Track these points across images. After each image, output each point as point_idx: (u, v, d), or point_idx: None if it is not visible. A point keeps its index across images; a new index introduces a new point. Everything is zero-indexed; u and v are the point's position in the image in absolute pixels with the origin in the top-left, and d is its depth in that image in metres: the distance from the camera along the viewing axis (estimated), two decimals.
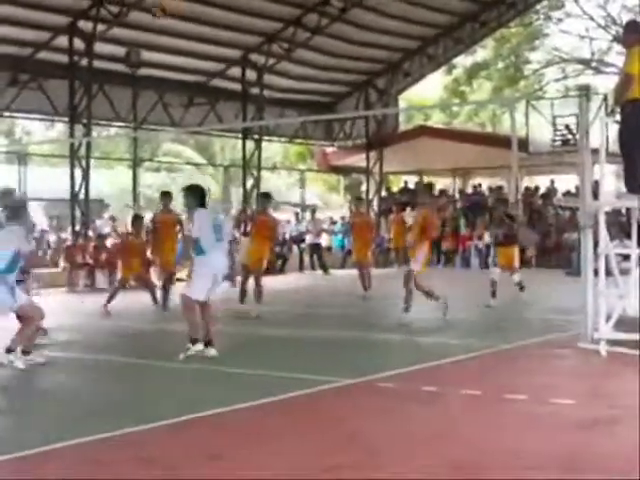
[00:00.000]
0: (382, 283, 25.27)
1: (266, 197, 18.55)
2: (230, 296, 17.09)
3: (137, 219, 20.12)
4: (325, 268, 31.03)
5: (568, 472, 6.47)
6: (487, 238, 31.94)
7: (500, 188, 35.12)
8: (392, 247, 32.91)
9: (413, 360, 11.27)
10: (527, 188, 34.56)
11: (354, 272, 22.30)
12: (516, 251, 19.14)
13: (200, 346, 11.60)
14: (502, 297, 18.45)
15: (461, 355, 11.68)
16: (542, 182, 35.75)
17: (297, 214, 35.95)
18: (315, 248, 31.95)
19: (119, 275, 20.76)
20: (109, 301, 18.24)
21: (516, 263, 18.99)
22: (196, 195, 12.29)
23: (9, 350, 11.22)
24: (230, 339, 13.26)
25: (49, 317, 12.00)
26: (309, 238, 32.15)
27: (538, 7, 43.86)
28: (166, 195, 19.14)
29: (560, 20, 47.71)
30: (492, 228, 20.44)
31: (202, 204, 12.20)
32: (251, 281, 17.21)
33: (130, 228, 20.22)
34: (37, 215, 33.39)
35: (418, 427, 7.90)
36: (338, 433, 7.71)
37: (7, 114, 30.49)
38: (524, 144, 27.67)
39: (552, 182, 34.70)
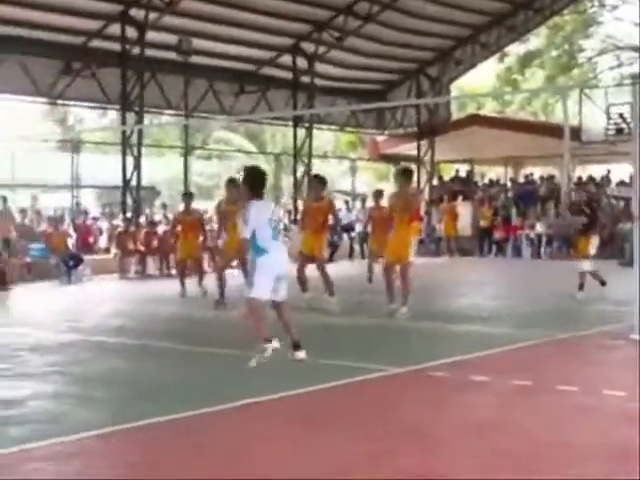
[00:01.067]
0: (433, 272, 25.21)
1: (321, 181, 17.25)
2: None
3: (187, 196, 19.92)
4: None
5: (619, 464, 6.39)
6: (539, 228, 31.78)
7: (552, 177, 34.85)
8: (444, 236, 32.75)
9: (464, 349, 11.19)
10: (579, 178, 34.23)
11: None
12: (594, 240, 18.60)
13: (276, 343, 10.22)
14: (559, 287, 18.30)
15: (512, 345, 11.58)
16: (595, 171, 35.39)
17: (347, 202, 35.88)
18: (365, 236, 31.80)
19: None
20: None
21: (592, 251, 18.41)
22: (255, 182, 10.59)
23: None
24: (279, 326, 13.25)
25: (103, 303, 12.09)
26: (359, 226, 32.04)
27: None
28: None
29: (615, 7, 47.21)
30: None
31: (261, 194, 10.58)
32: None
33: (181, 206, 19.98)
34: (89, 202, 33.79)
35: (469, 416, 7.84)
36: (391, 421, 7.68)
37: (60, 102, 30.69)
38: (577, 133, 27.54)
39: (608, 171, 34.34)
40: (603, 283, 17.94)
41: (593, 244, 18.21)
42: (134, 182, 28.07)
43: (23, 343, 12.35)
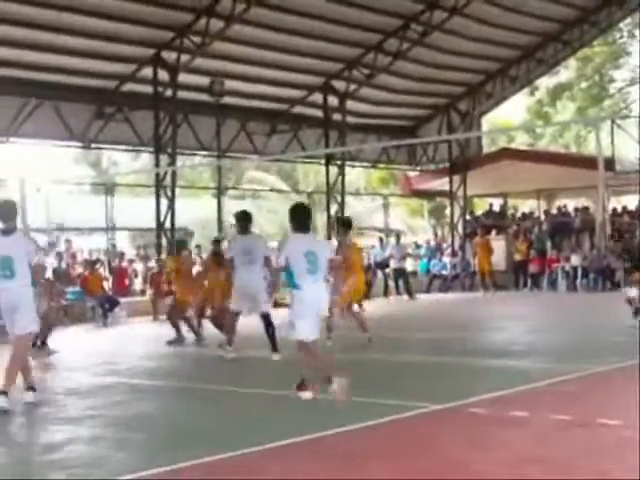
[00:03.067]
0: (468, 308, 25.13)
1: (345, 224, 17.06)
2: None
3: (216, 243, 19.67)
4: (411, 293, 30.79)
5: None
6: (574, 260, 31.61)
7: (587, 209, 34.70)
8: (478, 270, 32.53)
9: (503, 384, 11.11)
10: (614, 209, 34.06)
11: (440, 296, 22.12)
12: None
13: (342, 381, 9.96)
14: (596, 320, 18.18)
15: (550, 379, 11.48)
16: (630, 202, 35.21)
17: (381, 239, 35.84)
18: (400, 273, 31.75)
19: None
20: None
21: None
22: (294, 217, 10.63)
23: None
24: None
25: (139, 346, 12.13)
26: (393, 263, 31.97)
27: (621, 25, 43.42)
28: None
29: None
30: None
31: (301, 227, 10.57)
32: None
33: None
34: (124, 244, 33.94)
35: (511, 452, 7.76)
36: (433, 457, 7.63)
37: (94, 145, 30.94)
38: (610, 163, 27.51)
39: None
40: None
41: None
42: (168, 224, 28.21)
43: (61, 387, 12.41)
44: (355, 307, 17.19)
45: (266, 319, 14.35)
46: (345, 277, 15.77)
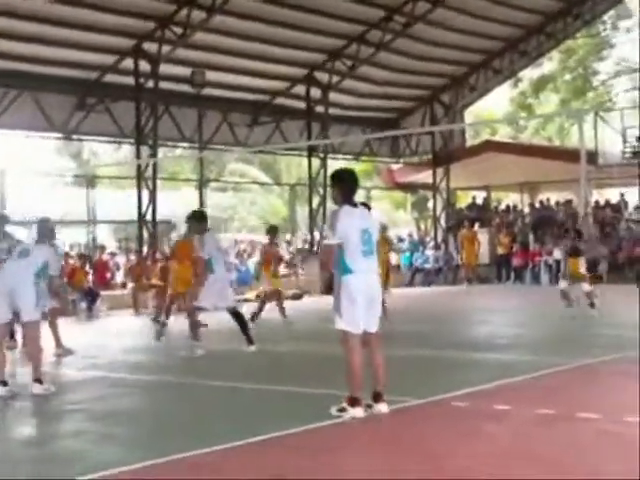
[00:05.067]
0: (451, 301, 25.11)
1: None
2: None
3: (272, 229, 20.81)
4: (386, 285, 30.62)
5: None
6: (557, 254, 31.62)
7: (569, 202, 34.72)
8: (463, 263, 32.26)
9: (486, 378, 11.07)
10: (596, 202, 34.09)
11: (423, 289, 22.12)
12: (582, 261, 19.02)
13: (360, 412, 8.75)
14: (578, 314, 18.19)
15: (532, 373, 11.44)
16: (612, 195, 35.26)
17: None
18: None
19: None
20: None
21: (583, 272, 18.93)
22: (343, 185, 9.18)
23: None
24: (300, 359, 13.18)
25: (120, 339, 12.04)
26: None
27: (605, 17, 43.49)
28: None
29: (628, 30, 47.15)
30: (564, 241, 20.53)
31: (349, 200, 9.09)
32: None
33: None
34: (105, 237, 33.77)
35: (493, 446, 7.72)
36: (414, 451, 7.59)
37: (75, 137, 30.80)
38: (593, 157, 27.48)
39: (622, 195, 34.22)
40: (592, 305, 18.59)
41: (582, 265, 18.83)
42: (150, 216, 28.09)
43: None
44: None
45: (235, 314, 14.33)
46: None
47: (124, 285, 27.40)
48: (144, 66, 27.34)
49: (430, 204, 40.67)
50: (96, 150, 47.36)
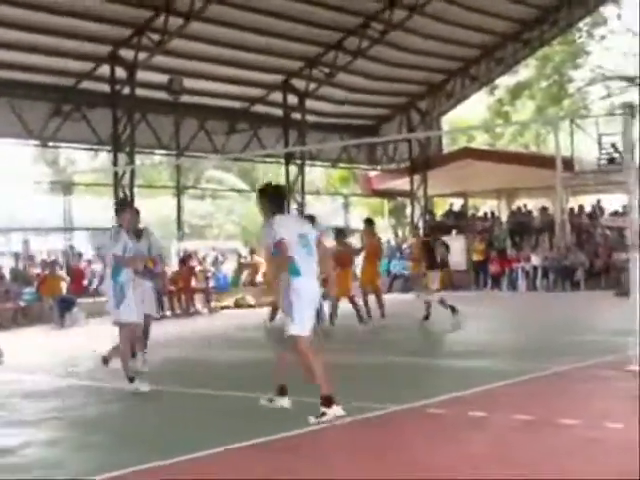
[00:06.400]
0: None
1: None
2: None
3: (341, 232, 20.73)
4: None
5: None
6: (534, 260, 31.74)
7: (546, 209, 34.83)
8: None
9: (463, 385, 11.08)
10: (572, 208, 34.20)
11: (401, 297, 22.21)
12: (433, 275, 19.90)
13: (339, 410, 8.96)
14: (555, 320, 18.26)
15: (510, 379, 11.49)
16: (589, 202, 35.38)
17: None
18: None
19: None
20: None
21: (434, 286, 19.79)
22: (270, 199, 9.53)
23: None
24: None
25: (97, 347, 12.00)
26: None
27: (580, 25, 43.62)
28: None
29: (603, 37, 47.39)
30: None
31: (280, 210, 9.46)
32: None
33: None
34: (82, 244, 33.63)
35: (469, 452, 7.74)
36: (390, 459, 7.58)
37: (51, 144, 30.67)
38: (569, 163, 27.58)
39: (599, 201, 34.35)
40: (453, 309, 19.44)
41: (433, 279, 19.73)
42: None
43: (17, 389, 12.25)
44: None
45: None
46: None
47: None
48: (121, 73, 27.26)
49: (408, 211, 40.70)
50: (73, 157, 47.16)
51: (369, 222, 20.94)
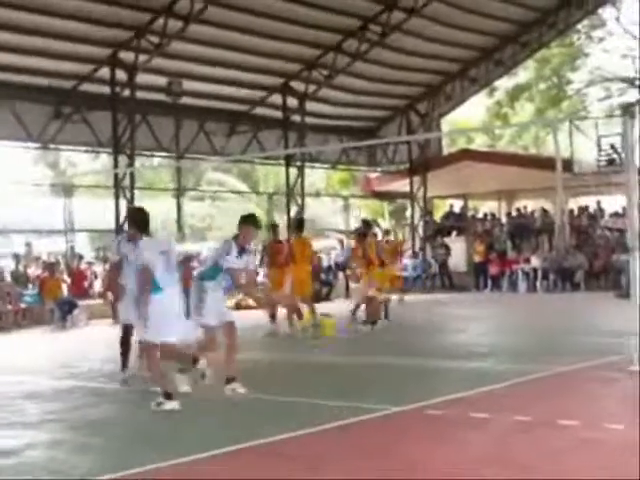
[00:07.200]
0: (428, 309, 25.16)
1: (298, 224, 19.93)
2: None
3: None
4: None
5: None
6: (534, 261, 31.76)
7: (546, 211, 34.85)
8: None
9: (462, 386, 11.11)
10: (572, 210, 34.21)
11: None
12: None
13: (176, 404, 10.10)
14: (554, 321, 18.26)
15: (510, 380, 11.50)
16: (588, 203, 35.37)
17: (342, 241, 35.79)
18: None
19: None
20: None
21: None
22: (136, 220, 11.11)
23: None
24: (273, 367, 13.20)
25: (98, 349, 12.02)
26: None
27: (579, 27, 43.67)
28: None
29: (602, 39, 47.42)
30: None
31: (145, 231, 10.87)
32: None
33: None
34: (83, 246, 33.67)
35: (469, 453, 7.76)
36: (390, 460, 7.59)
37: (52, 146, 30.69)
38: (569, 165, 27.51)
39: (598, 203, 34.36)
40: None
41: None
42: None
43: (19, 391, 12.27)
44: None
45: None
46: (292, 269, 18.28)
47: (102, 294, 27.29)
48: (121, 75, 27.29)
49: (408, 213, 40.74)
50: (73, 159, 47.21)
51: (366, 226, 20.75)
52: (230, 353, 11.06)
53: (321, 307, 20.12)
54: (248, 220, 11.35)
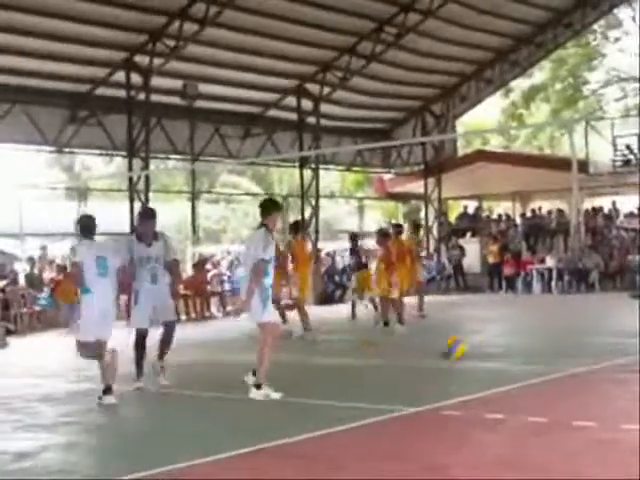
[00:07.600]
0: (443, 311, 25.11)
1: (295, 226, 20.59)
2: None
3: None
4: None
5: None
6: (549, 262, 31.68)
7: (561, 211, 34.76)
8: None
9: (478, 387, 11.09)
10: (587, 210, 34.13)
11: (414, 300, 22.18)
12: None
13: (113, 399, 10.91)
14: (570, 322, 18.21)
15: (525, 381, 11.47)
16: (603, 203, 35.29)
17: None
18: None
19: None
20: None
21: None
22: (81, 226, 11.60)
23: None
24: (291, 369, 13.19)
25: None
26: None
27: (595, 27, 43.57)
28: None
29: (618, 39, 47.30)
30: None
31: (86, 235, 11.40)
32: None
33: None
34: None
35: (486, 454, 7.74)
36: (408, 461, 7.59)
37: (67, 150, 30.76)
38: (584, 165, 27.54)
39: (614, 203, 34.25)
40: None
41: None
42: None
43: (34, 394, 12.29)
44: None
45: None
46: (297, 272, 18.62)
47: (117, 297, 27.33)
48: (136, 79, 27.33)
49: (422, 214, 40.69)
50: (88, 163, 47.33)
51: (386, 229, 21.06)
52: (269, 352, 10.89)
53: (333, 310, 20.07)
54: (278, 206, 11.39)
